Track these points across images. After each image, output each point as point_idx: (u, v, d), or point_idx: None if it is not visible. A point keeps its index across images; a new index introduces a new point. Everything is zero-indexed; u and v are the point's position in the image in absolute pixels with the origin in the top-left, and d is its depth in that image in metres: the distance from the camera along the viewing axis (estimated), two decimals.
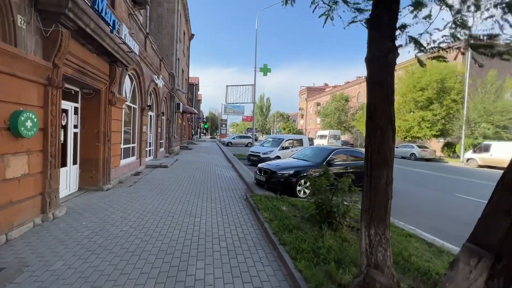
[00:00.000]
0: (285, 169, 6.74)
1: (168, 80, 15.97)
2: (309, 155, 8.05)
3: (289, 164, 7.24)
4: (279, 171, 6.71)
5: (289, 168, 6.81)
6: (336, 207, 4.22)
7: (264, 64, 16.91)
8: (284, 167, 6.94)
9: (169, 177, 8.54)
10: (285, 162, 7.60)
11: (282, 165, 7.12)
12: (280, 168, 6.86)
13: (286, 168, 6.83)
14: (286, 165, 7.15)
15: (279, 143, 13.57)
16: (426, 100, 22.92)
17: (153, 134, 12.96)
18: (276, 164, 7.39)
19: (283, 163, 7.53)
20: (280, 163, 7.47)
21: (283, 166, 7.03)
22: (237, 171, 10.45)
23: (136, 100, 9.84)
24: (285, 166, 6.97)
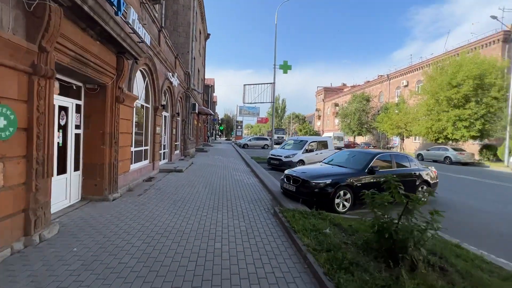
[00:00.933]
0: (320, 178, 5.59)
1: (184, 79, 15.27)
2: (345, 160, 6.85)
3: (324, 171, 6.08)
4: (313, 180, 5.57)
5: (325, 176, 5.66)
6: (406, 234, 3.06)
7: (284, 61, 15.86)
8: (318, 174, 5.79)
9: (183, 184, 7.64)
10: (317, 169, 6.44)
11: (315, 173, 5.98)
12: (313, 176, 5.72)
13: (321, 176, 5.69)
14: (320, 172, 6.00)
15: (302, 145, 12.39)
16: (461, 97, 20.80)
17: (167, 135, 12.22)
18: (307, 171, 6.26)
19: (315, 169, 6.39)
20: (312, 170, 6.33)
21: (317, 173, 5.89)
22: (258, 176, 9.40)
23: (149, 99, 9.07)
24: (320, 174, 5.83)
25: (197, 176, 9.17)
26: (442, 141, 23.45)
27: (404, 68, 38.87)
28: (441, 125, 22.53)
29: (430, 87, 23.35)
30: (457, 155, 19.28)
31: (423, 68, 34.96)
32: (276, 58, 16.10)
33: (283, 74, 15.75)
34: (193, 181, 8.20)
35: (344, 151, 7.56)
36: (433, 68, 24.44)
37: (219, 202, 5.81)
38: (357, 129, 41.29)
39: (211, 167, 11.63)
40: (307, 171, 6.14)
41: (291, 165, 11.59)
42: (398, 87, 40.04)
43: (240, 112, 54.38)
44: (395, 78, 40.91)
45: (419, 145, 34.07)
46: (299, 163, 11.79)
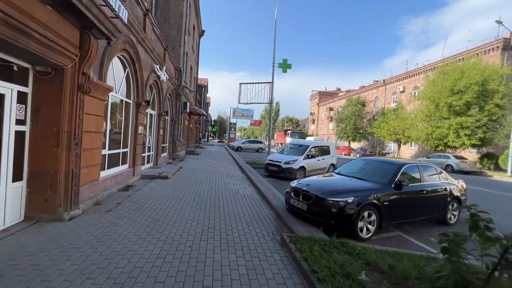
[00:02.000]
0: (340, 194, 4.42)
1: (174, 75, 13.97)
2: (362, 170, 5.72)
3: (341, 185, 4.92)
4: (330, 197, 4.40)
5: (345, 192, 4.49)
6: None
7: (283, 59, 14.76)
8: (335, 190, 4.63)
9: (167, 195, 6.34)
10: (332, 182, 5.28)
11: (331, 187, 4.82)
12: (330, 192, 4.55)
13: (340, 192, 4.52)
14: (337, 187, 4.83)
15: (303, 150, 11.26)
16: (463, 104, 20.21)
17: (153, 136, 10.87)
18: (320, 184, 5.09)
19: (330, 183, 5.23)
20: (326, 183, 5.17)
21: (334, 188, 4.73)
22: (255, 185, 8.18)
23: (130, 93, 7.76)
24: (337, 189, 4.66)
25: (184, 184, 7.87)
26: (441, 148, 22.83)
27: (400, 74, 38.58)
28: (441, 132, 21.90)
29: (431, 92, 22.75)
30: (460, 163, 18.60)
31: (420, 74, 34.70)
32: (275, 56, 15.03)
33: (280, 75, 14.54)
34: (179, 191, 6.90)
35: (358, 159, 6.42)
36: (436, 73, 23.87)
37: (210, 223, 4.56)
38: (352, 134, 40.66)
39: (202, 173, 10.33)
40: (320, 185, 4.98)
41: (291, 172, 10.44)
42: (394, 92, 39.70)
43: (233, 114, 53.16)
44: (391, 84, 40.60)
45: (415, 151, 33.62)
46: (300, 170, 10.64)
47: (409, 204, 4.94)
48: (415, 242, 4.61)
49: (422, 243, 4.60)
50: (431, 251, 4.22)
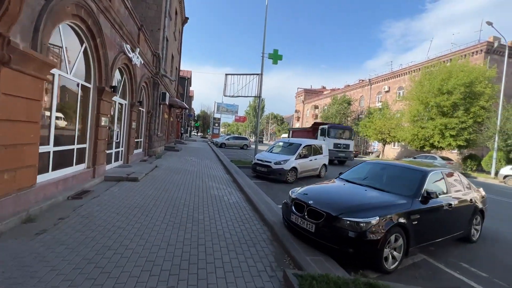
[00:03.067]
0: (359, 213, 3.34)
1: (151, 62, 12.36)
2: (377, 177, 4.70)
3: (357, 198, 3.85)
4: (347, 216, 3.30)
5: (365, 210, 3.41)
6: None
7: (274, 49, 13.56)
8: (352, 206, 3.54)
9: (132, 205, 4.99)
10: (345, 193, 4.17)
11: (344, 201, 3.74)
12: (346, 208, 3.45)
13: (359, 209, 3.44)
14: (352, 200, 3.77)
15: (295, 150, 10.20)
16: (450, 105, 20.17)
17: (124, 130, 9.33)
18: (329, 196, 4.00)
19: (342, 194, 4.13)
20: (336, 195, 4.08)
21: (349, 203, 3.65)
22: (243, 190, 7.00)
23: (90, 76, 6.25)
24: (354, 204, 3.59)
25: (157, 189, 6.51)
26: (427, 148, 22.85)
27: (386, 74, 38.77)
28: (426, 132, 21.85)
29: (420, 92, 22.60)
30: (446, 164, 18.46)
31: (405, 74, 34.96)
32: (265, 46, 13.80)
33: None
34: (149, 198, 5.56)
35: (368, 163, 5.39)
36: (422, 73, 23.79)
37: (185, 252, 3.32)
38: None
39: (181, 174, 8.97)
40: (330, 198, 3.88)
41: (282, 173, 9.36)
42: (379, 92, 39.90)
43: (218, 109, 51.36)
44: (376, 83, 40.76)
45: (398, 151, 33.95)
46: (291, 171, 9.58)
47: (438, 221, 3.99)
48: (448, 272, 3.65)
49: (458, 272, 3.65)
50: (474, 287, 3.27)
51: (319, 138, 19.76)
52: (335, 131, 20.27)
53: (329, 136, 19.42)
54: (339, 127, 21.80)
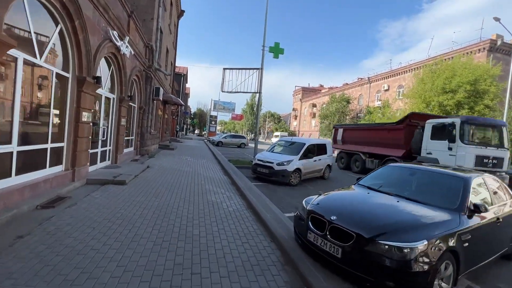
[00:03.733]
0: (400, 234, 2.58)
1: (144, 54, 11.48)
2: (404, 184, 3.96)
3: (393, 213, 3.09)
4: (386, 239, 2.53)
5: (407, 230, 2.66)
6: None
7: (275, 42, 12.77)
8: (389, 223, 2.79)
9: (114, 216, 4.19)
10: (375, 206, 3.35)
11: (376, 216, 2.99)
12: (381, 227, 2.70)
13: (400, 228, 2.68)
14: (387, 215, 3.01)
15: (298, 149, 9.45)
16: (454, 104, 19.63)
17: (112, 127, 8.48)
18: (355, 209, 3.24)
19: (372, 207, 3.32)
20: (364, 208, 3.30)
21: (384, 220, 2.90)
22: (244, 195, 6.23)
23: (69, 64, 5.41)
24: (391, 222, 2.83)
25: (146, 194, 5.70)
26: None
27: (385, 72, 38.27)
28: None
29: (421, 90, 22.03)
30: None
31: (405, 73, 34.47)
32: (265, 39, 13.00)
33: (275, 58, 12.60)
34: (135, 207, 4.76)
35: (390, 166, 4.63)
36: (425, 71, 23.21)
37: (174, 285, 2.55)
38: None
39: (174, 175, 8.17)
40: (357, 211, 3.13)
41: (285, 175, 8.62)
42: (378, 90, 39.41)
43: (214, 107, 50.42)
44: (376, 82, 40.26)
45: None
46: (295, 173, 8.85)
47: (487, 239, 3.29)
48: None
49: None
50: None
51: (431, 143, 10.10)
52: (479, 130, 9.76)
53: (464, 140, 9.19)
54: (486, 122, 10.35)
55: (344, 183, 10.51)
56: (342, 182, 10.80)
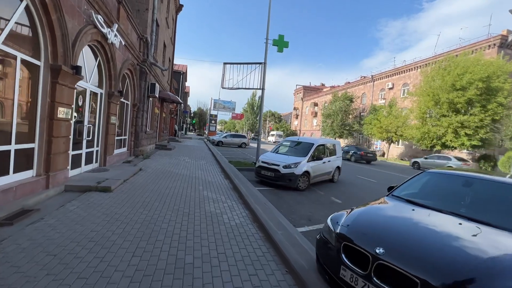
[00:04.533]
0: (491, 281, 1.72)
1: (138, 46, 10.61)
2: (458, 197, 3.08)
3: (459, 240, 2.24)
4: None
5: (498, 273, 1.80)
6: None
7: (279, 35, 11.89)
8: (467, 263, 1.93)
9: (84, 237, 3.32)
10: (429, 229, 2.47)
11: (443, 251, 2.11)
12: (460, 271, 1.85)
13: (486, 272, 1.82)
14: (455, 246, 2.16)
15: (307, 150, 8.58)
16: (465, 102, 18.76)
17: (100, 125, 7.62)
18: (406, 236, 2.37)
19: (426, 231, 2.44)
20: (418, 233, 2.42)
21: (458, 256, 2.04)
22: (247, 204, 5.37)
23: (39, 50, 4.55)
24: (467, 259, 1.97)
25: (133, 204, 4.84)
26: (438, 148, 21.45)
27: (389, 70, 37.34)
28: (438, 130, 20.46)
29: (430, 88, 21.16)
30: (462, 166, 17.10)
31: (410, 70, 33.57)
32: (268, 31, 12.12)
33: (279, 52, 11.73)
34: (116, 222, 3.90)
35: (433, 173, 3.70)
36: (434, 68, 22.33)
37: None
38: (339, 131, 39.06)
39: (169, 179, 7.31)
40: (412, 241, 2.25)
41: (292, 179, 7.75)
42: (382, 89, 38.49)
43: (214, 106, 49.48)
44: (379, 80, 39.34)
45: (401, 150, 32.60)
46: (303, 176, 7.98)
47: None
48: None
49: None
50: None
51: None
52: None
53: None
54: None
55: (356, 186, 9.65)
56: (355, 185, 9.94)
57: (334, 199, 7.31)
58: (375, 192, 9.04)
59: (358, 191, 8.88)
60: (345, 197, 7.72)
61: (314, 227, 4.82)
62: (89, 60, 6.67)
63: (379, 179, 12.26)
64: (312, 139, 9.40)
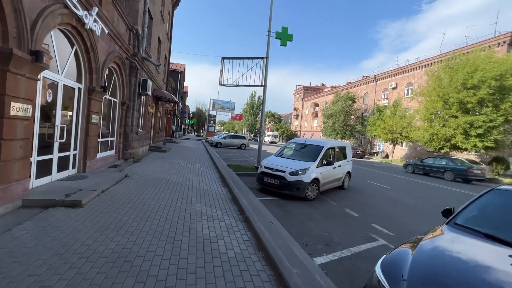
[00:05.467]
0: None
1: (127, 39, 9.59)
2: None
3: None
4: None
5: None
6: None
7: (283, 27, 10.89)
8: None
9: (21, 285, 2.29)
10: None
11: None
12: None
13: None
14: None
15: (315, 154, 7.56)
16: (476, 101, 17.80)
17: (77, 126, 6.59)
18: None
19: None
20: None
21: None
22: (249, 221, 4.35)
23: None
24: None
25: (104, 225, 3.80)
26: (446, 150, 20.47)
27: (392, 70, 36.40)
28: (447, 131, 19.49)
29: (438, 87, 20.19)
30: None
31: (414, 70, 32.63)
32: (271, 23, 11.12)
33: (282, 45, 10.73)
34: (73, 257, 2.87)
35: (502, 190, 2.72)
36: (441, 66, 21.36)
37: None
38: (341, 132, 38.08)
39: (157, 188, 6.28)
40: None
41: (300, 188, 6.73)
42: (385, 89, 37.54)
43: (213, 106, 48.40)
44: (382, 80, 38.39)
45: (405, 152, 31.61)
46: (312, 184, 6.96)
47: None
48: None
49: None
50: None
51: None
52: None
53: None
54: None
55: (369, 194, 8.61)
56: (366, 192, 8.92)
57: (349, 212, 6.30)
58: (392, 201, 8.03)
59: (374, 201, 7.87)
60: (360, 208, 6.71)
61: (335, 255, 3.80)
62: (61, 48, 5.65)
63: (391, 185, 11.25)
64: (321, 141, 8.39)
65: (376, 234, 4.90)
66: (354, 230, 4.99)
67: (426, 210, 7.25)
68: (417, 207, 7.54)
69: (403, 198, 8.70)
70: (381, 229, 5.19)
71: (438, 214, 3.10)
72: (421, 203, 8.22)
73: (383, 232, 5.06)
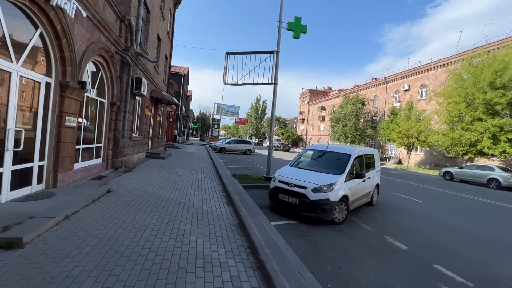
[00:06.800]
0: None
1: (118, 31, 8.33)
2: None
3: None
4: None
5: None
6: None
7: (295, 17, 9.54)
8: None
9: None
10: None
11: None
12: None
13: None
14: None
15: (342, 164, 6.04)
16: (506, 102, 16.13)
17: (47, 129, 5.25)
18: None
19: None
20: None
21: None
22: (266, 273, 2.89)
23: None
24: None
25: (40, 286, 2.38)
26: (471, 156, 18.74)
27: (404, 71, 34.78)
28: (472, 136, 17.79)
29: (460, 88, 18.57)
30: (509, 177, 14.36)
31: (428, 71, 30.96)
32: (282, 13, 9.79)
33: (295, 38, 9.34)
34: None
35: None
36: (463, 65, 19.74)
37: None
38: (352, 136, 36.40)
39: (143, 209, 4.85)
40: None
41: (326, 209, 5.23)
42: (397, 91, 35.88)
43: (217, 110, 47.29)
44: (393, 81, 36.77)
45: (422, 158, 29.76)
46: (341, 204, 5.46)
47: None
48: None
49: None
50: None
51: None
52: None
53: None
54: None
55: (403, 212, 6.97)
56: (400, 210, 7.35)
57: (392, 242, 4.76)
58: (437, 223, 6.45)
59: (415, 223, 6.30)
60: (404, 235, 5.17)
61: None
62: (16, 30, 4.33)
63: (423, 198, 9.63)
64: (347, 148, 6.86)
65: (449, 285, 3.37)
66: (415, 279, 3.48)
67: (493, 239, 5.65)
68: (477, 234, 5.91)
69: (448, 218, 7.10)
70: (450, 275, 3.66)
71: None
72: (478, 226, 6.59)
73: (454, 279, 3.54)
